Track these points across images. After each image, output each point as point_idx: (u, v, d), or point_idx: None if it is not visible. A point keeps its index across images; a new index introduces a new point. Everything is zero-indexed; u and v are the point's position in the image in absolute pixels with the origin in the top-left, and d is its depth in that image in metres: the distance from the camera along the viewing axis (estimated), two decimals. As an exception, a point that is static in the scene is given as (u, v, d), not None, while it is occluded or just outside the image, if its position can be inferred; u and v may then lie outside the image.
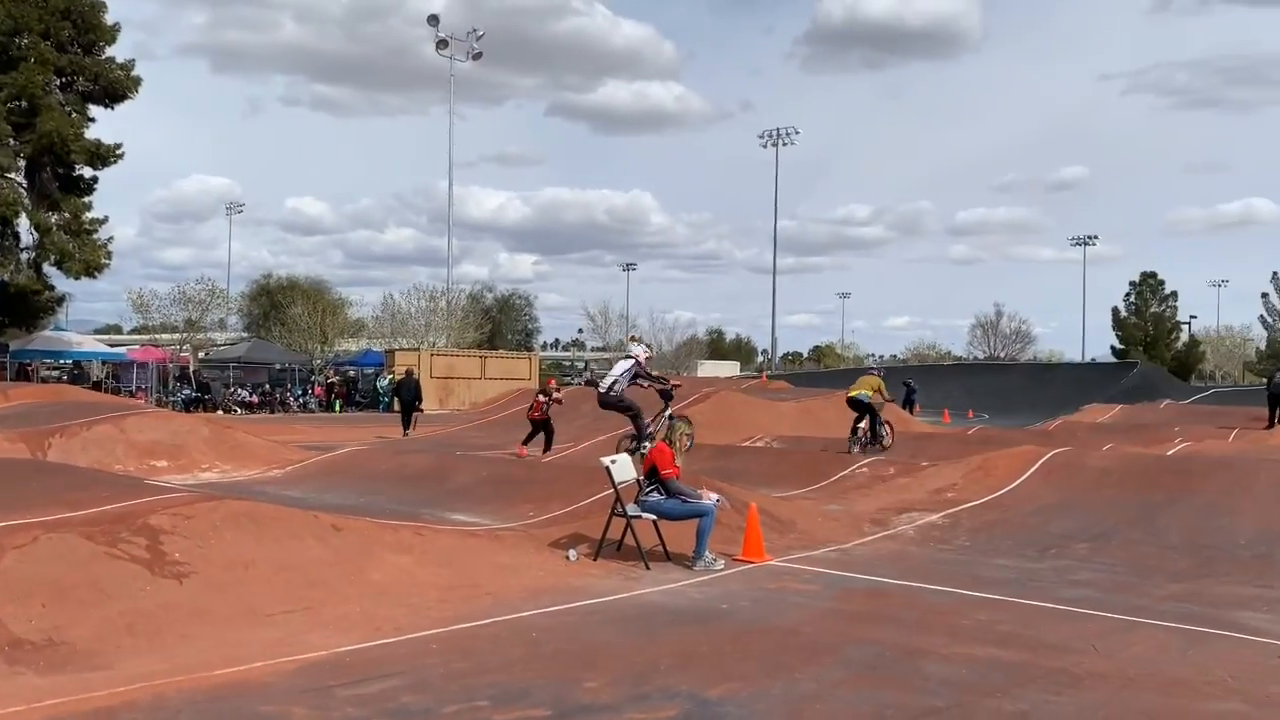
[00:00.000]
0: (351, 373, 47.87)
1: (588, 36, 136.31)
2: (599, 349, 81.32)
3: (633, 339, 18.55)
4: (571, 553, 9.38)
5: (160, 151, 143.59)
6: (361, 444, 21.34)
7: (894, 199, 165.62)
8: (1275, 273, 69.23)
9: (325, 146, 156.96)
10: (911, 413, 33.32)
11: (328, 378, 44.90)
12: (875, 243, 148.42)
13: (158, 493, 8.67)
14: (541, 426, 20.51)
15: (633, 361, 14.19)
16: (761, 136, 75.11)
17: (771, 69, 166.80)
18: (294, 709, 5.23)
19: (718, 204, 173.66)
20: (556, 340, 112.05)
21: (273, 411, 39.80)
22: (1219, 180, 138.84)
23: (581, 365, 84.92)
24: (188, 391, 39.53)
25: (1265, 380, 28.41)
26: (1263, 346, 69.73)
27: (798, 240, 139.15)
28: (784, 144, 73.44)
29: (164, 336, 50.34)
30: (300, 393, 43.42)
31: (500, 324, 72.59)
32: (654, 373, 14.94)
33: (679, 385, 15.89)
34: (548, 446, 20.25)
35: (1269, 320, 69.27)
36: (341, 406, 42.19)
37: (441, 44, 55.97)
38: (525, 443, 20.47)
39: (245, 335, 59.94)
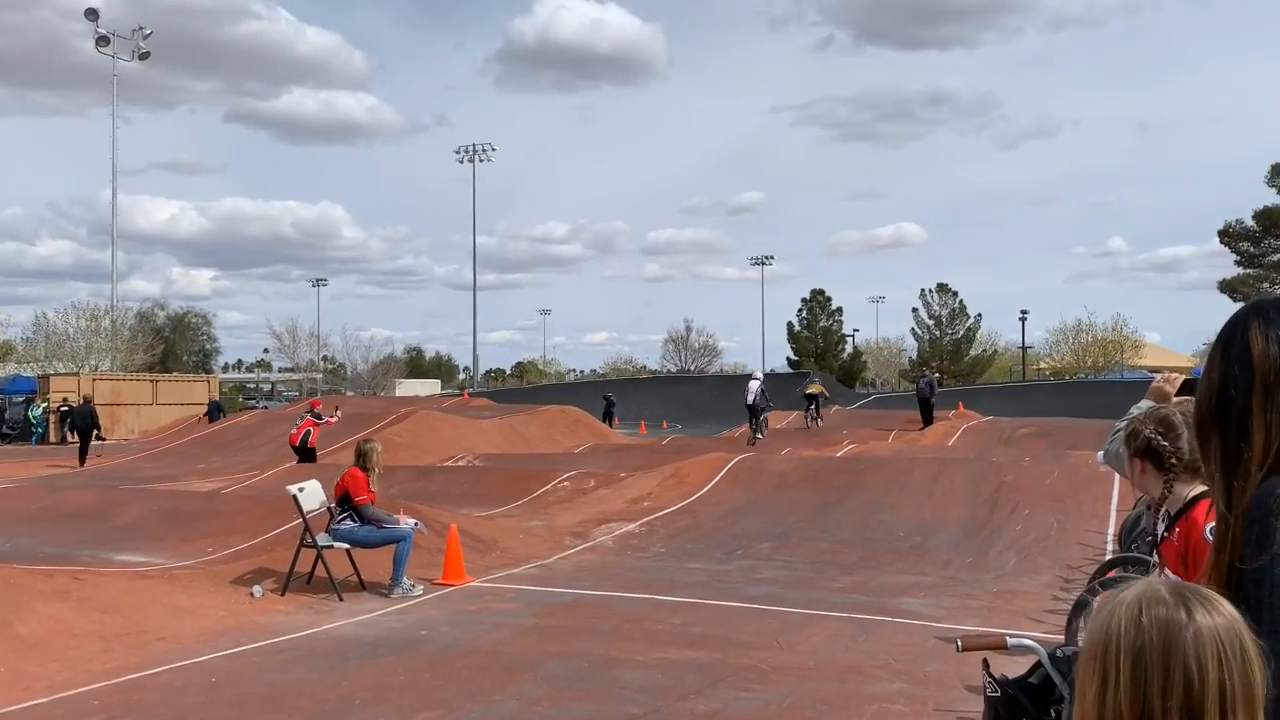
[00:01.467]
0: (-3, 401, 42.70)
1: (269, 41, 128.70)
2: (287, 369, 77.22)
3: (755, 374, 28.48)
4: (256, 589, 8.78)
5: None
6: (9, 481, 19.02)
7: (590, 218, 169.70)
8: (923, 290, 77.56)
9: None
10: (610, 425, 34.22)
11: (-34, 409, 39.69)
12: (573, 260, 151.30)
13: None
14: (309, 453, 19.08)
15: (760, 384, 25.01)
16: (458, 152, 74.14)
17: (465, 85, 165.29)
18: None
19: (415, 219, 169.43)
20: (240, 361, 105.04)
21: (-103, 449, 34.63)
22: (874, 206, 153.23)
23: (267, 388, 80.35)
24: None
25: (915, 386, 31.91)
26: (914, 355, 77.64)
27: (498, 257, 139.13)
28: (481, 160, 73.04)
29: None
30: (-67, 427, 38.12)
31: (174, 344, 67.24)
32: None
33: (774, 408, 26.87)
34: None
35: (919, 332, 77.38)
36: (-15, 440, 37.47)
37: (102, 41, 51.08)
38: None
39: None
